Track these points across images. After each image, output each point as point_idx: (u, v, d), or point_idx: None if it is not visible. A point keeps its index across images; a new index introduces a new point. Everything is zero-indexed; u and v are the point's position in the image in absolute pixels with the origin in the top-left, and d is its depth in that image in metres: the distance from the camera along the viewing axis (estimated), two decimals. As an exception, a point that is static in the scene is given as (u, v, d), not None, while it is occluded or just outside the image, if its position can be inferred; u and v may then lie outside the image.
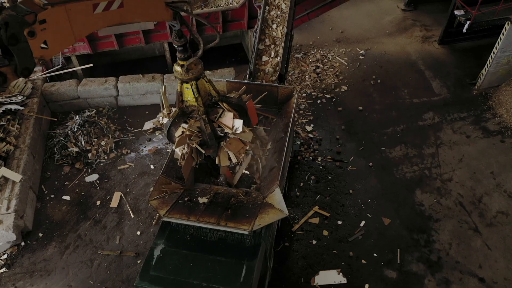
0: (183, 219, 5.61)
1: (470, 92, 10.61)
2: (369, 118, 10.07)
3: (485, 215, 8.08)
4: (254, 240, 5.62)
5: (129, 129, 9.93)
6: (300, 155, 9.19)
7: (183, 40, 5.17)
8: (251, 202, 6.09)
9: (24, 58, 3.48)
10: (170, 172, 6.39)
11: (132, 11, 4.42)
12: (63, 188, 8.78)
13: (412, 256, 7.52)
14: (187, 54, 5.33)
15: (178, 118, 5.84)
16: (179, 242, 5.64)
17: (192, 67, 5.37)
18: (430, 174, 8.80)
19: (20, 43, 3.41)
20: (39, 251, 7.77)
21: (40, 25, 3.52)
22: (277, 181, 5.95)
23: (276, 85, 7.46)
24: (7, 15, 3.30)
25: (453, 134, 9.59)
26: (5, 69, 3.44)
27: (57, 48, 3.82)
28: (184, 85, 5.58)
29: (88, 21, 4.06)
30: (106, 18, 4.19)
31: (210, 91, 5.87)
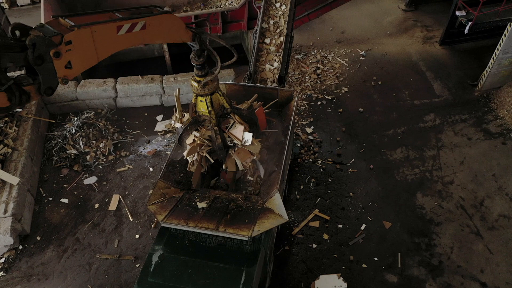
0: (182, 224, 5.54)
1: (471, 94, 10.53)
2: (369, 120, 9.99)
3: (486, 218, 8.01)
4: (253, 246, 5.55)
5: (128, 131, 9.86)
6: (300, 158, 9.12)
7: (202, 59, 5.37)
8: (251, 207, 6.02)
9: (48, 77, 3.57)
10: (169, 176, 6.32)
11: (154, 33, 4.58)
12: (61, 190, 8.71)
13: (413, 260, 7.45)
14: (205, 71, 5.51)
15: (190, 126, 5.95)
16: (177, 247, 5.57)
17: (209, 83, 5.56)
18: (431, 176, 8.73)
19: (46, 63, 3.50)
20: (37, 254, 7.70)
21: (66, 46, 3.61)
22: (276, 185, 5.88)
23: (276, 88, 7.39)
24: (35, 37, 3.37)
25: (454, 136, 9.52)
26: (29, 88, 3.53)
27: (80, 68, 3.91)
28: (198, 97, 5.76)
29: (111, 42, 4.21)
30: (129, 39, 4.32)
31: (223, 104, 6.02)
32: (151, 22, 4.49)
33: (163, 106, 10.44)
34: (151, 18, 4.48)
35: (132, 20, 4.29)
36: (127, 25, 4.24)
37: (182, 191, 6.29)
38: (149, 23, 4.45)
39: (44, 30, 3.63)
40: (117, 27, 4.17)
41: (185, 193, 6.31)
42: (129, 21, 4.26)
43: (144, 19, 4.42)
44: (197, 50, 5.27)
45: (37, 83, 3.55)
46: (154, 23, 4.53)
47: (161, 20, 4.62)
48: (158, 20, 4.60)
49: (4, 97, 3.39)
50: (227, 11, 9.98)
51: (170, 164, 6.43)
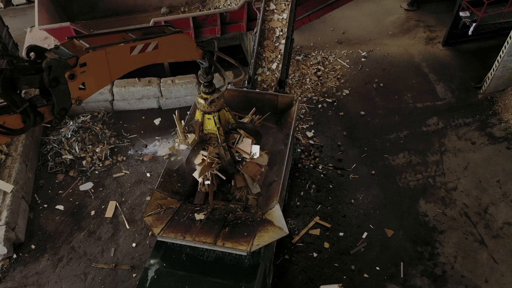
0: (179, 238, 5.37)
1: (475, 97, 10.33)
2: (371, 123, 9.80)
3: (491, 226, 7.84)
4: (252, 260, 5.38)
5: (125, 134, 9.67)
6: (301, 163, 8.93)
7: (210, 77, 5.39)
8: (250, 218, 5.86)
9: (62, 99, 3.63)
10: (166, 186, 6.14)
11: (166, 53, 4.66)
12: (57, 197, 8.53)
13: (416, 270, 7.29)
14: (212, 89, 5.52)
15: (197, 146, 5.85)
16: (174, 262, 5.39)
17: (215, 100, 5.55)
18: (434, 183, 8.55)
19: (60, 85, 3.56)
20: (31, 264, 7.54)
21: (81, 68, 3.68)
22: (276, 197, 5.71)
23: (276, 94, 7.20)
24: (51, 59, 3.43)
25: (457, 141, 9.33)
26: (43, 109, 3.57)
27: (94, 89, 3.94)
28: (206, 115, 5.73)
29: (125, 63, 4.19)
30: (141, 59, 4.33)
31: (229, 119, 5.99)
32: (163, 42, 4.55)
33: (160, 109, 10.24)
34: (163, 38, 4.52)
35: (146, 41, 4.34)
36: (140, 45, 4.29)
37: (179, 202, 6.12)
38: (161, 43, 4.51)
39: (59, 52, 3.68)
40: (131, 47, 4.21)
41: (183, 203, 6.14)
42: (142, 41, 4.30)
43: (156, 39, 4.47)
44: (206, 67, 5.30)
45: (51, 104, 3.59)
46: (166, 42, 4.56)
47: (173, 39, 4.68)
48: (170, 39, 4.62)
49: (19, 119, 3.41)
50: (226, 12, 9.76)
51: (167, 174, 6.25)
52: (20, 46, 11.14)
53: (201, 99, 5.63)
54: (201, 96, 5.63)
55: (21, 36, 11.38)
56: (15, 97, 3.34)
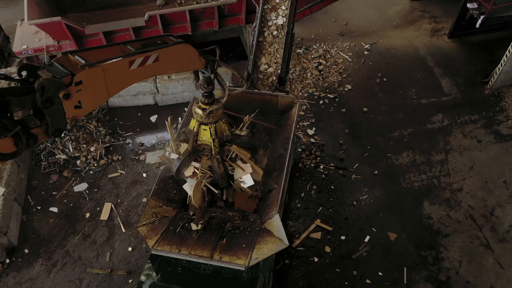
0: (174, 251, 5.14)
1: (481, 92, 10.00)
2: (374, 120, 9.50)
3: (497, 229, 7.62)
4: (251, 273, 5.16)
5: (120, 132, 9.39)
6: (301, 162, 8.67)
7: (211, 87, 5.18)
8: (248, 228, 5.62)
9: (56, 119, 3.43)
10: (160, 194, 5.90)
11: (167, 65, 4.41)
12: (51, 198, 8.30)
13: (419, 275, 7.09)
14: (211, 99, 5.31)
15: (189, 156, 5.61)
16: (169, 275, 5.18)
17: (214, 111, 5.35)
18: (439, 183, 8.30)
19: (55, 105, 3.37)
20: (25, 269, 7.34)
21: (76, 87, 3.49)
22: (276, 206, 5.47)
23: (276, 94, 6.90)
24: (45, 80, 3.24)
25: (463, 139, 9.04)
26: (37, 130, 3.38)
27: (91, 107, 3.76)
28: (202, 126, 5.52)
29: (123, 78, 3.99)
30: (141, 73, 4.16)
31: (225, 131, 5.78)
32: (164, 53, 4.31)
33: (157, 106, 9.94)
34: (164, 50, 4.29)
35: (145, 54, 4.10)
36: (140, 59, 4.06)
37: (175, 210, 5.88)
38: (162, 55, 4.27)
39: (53, 70, 3.46)
40: (130, 62, 3.97)
41: (178, 212, 5.90)
42: (141, 55, 4.06)
43: (157, 51, 4.22)
44: (207, 77, 5.09)
45: (45, 125, 3.40)
46: (168, 54, 4.33)
47: (175, 50, 4.44)
48: (171, 51, 4.39)
49: (11, 143, 3.24)
50: (224, 5, 9.36)
51: (162, 181, 6.00)
52: (12, 39, 10.75)
53: (199, 109, 5.38)
54: (199, 106, 5.37)
55: (12, 28, 11.00)
56: (5, 121, 3.14)
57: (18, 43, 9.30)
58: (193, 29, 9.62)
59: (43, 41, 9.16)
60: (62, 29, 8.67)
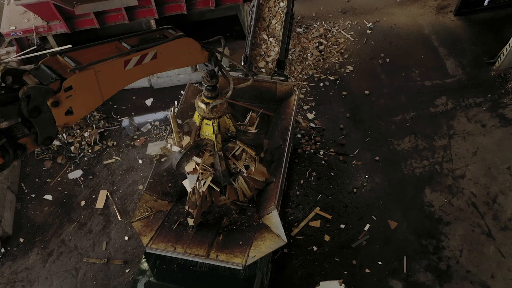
0: (169, 249, 5.00)
1: (487, 73, 9.67)
2: (376, 104, 9.22)
3: (499, 217, 7.49)
4: (248, 271, 5.04)
5: (115, 117, 9.14)
6: (301, 148, 8.46)
7: (215, 80, 4.82)
8: (246, 222, 5.49)
9: (46, 128, 3.20)
10: (155, 188, 5.73)
11: (166, 61, 4.09)
12: (45, 186, 8.14)
13: (419, 265, 7.01)
14: (215, 93, 4.95)
15: (191, 151, 5.30)
16: (165, 273, 5.07)
17: (218, 106, 5.00)
18: (441, 169, 8.12)
19: (43, 113, 3.12)
20: (20, 258, 7.26)
21: (66, 93, 3.22)
22: (274, 201, 5.30)
23: (274, 81, 6.62)
24: (30, 88, 2.98)
25: (467, 123, 8.80)
26: (25, 140, 3.13)
27: (83, 112, 3.51)
28: (204, 120, 5.20)
29: (118, 79, 3.71)
30: (138, 72, 3.83)
31: (230, 127, 5.45)
32: (163, 50, 3.95)
33: (152, 89, 9.64)
34: (163, 46, 3.95)
35: (142, 52, 3.75)
36: (136, 57, 3.71)
37: (170, 204, 5.72)
38: (160, 51, 3.92)
39: (40, 75, 3.15)
40: (125, 61, 3.63)
41: (174, 205, 5.74)
42: (138, 53, 3.72)
43: (155, 48, 3.86)
44: (211, 70, 4.74)
45: (34, 133, 3.15)
46: (167, 50, 4.01)
47: (175, 45, 4.09)
48: (171, 46, 4.06)
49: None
50: (221, -18, 8.92)
51: (157, 173, 5.81)
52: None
53: (201, 103, 5.05)
54: (202, 100, 5.04)
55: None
56: None
57: (6, 24, 8.90)
58: (189, 8, 9.20)
59: (31, 22, 8.76)
60: (50, 10, 8.26)
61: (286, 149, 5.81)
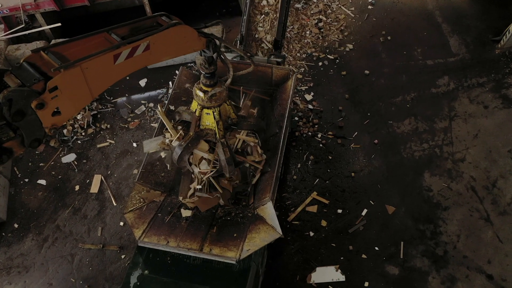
0: (162, 243, 4.92)
1: (492, 51, 9.36)
2: (376, 84, 8.97)
3: (498, 202, 7.40)
4: (243, 264, 4.98)
5: (108, 98, 8.92)
6: (298, 131, 8.28)
7: (213, 67, 4.58)
8: (240, 213, 5.39)
9: (32, 130, 3.05)
10: (148, 178, 5.60)
11: (160, 52, 3.85)
12: (38, 170, 8.02)
13: (416, 250, 6.98)
14: (214, 80, 4.73)
15: (191, 143, 5.14)
16: (158, 266, 5.01)
17: (217, 94, 4.79)
18: (441, 153, 7.97)
19: (27, 116, 2.97)
20: (15, 244, 7.23)
21: (51, 94, 3.05)
22: (269, 192, 5.18)
23: (270, 65, 6.36)
24: (11, 92, 2.81)
25: (469, 104, 8.58)
26: (10, 143, 2.98)
27: (72, 111, 3.37)
28: (204, 110, 5.00)
29: (108, 75, 3.53)
30: (129, 66, 3.64)
31: (230, 114, 5.28)
32: (156, 40, 3.73)
33: (146, 68, 9.30)
34: (155, 36, 3.73)
35: (132, 44, 3.53)
36: (127, 50, 3.50)
37: (163, 194, 5.61)
38: (153, 42, 3.71)
39: (22, 75, 2.96)
40: (114, 56, 3.42)
41: (167, 195, 5.63)
42: (128, 46, 3.51)
43: (147, 39, 3.66)
44: (209, 56, 4.49)
45: (20, 135, 3.01)
46: (161, 40, 3.78)
47: (169, 35, 3.82)
48: (165, 36, 3.83)
49: None
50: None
51: (149, 163, 5.67)
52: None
53: (200, 91, 4.81)
54: (200, 88, 4.80)
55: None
56: None
57: (-8, 1, 8.54)
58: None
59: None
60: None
61: (282, 138, 5.64)
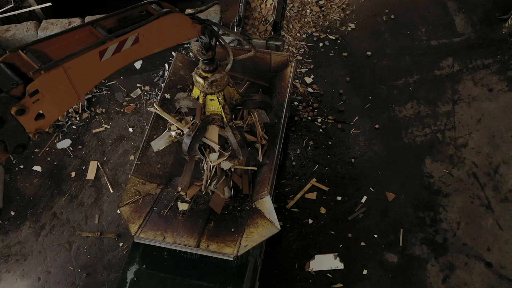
0: (158, 239, 4.84)
1: (498, 31, 9.05)
2: (378, 66, 8.71)
3: (500, 188, 7.31)
4: (241, 258, 4.92)
5: (103, 81, 8.67)
6: (298, 115, 8.10)
7: (211, 53, 4.30)
8: (238, 206, 5.29)
9: (14, 137, 2.86)
10: (143, 170, 5.47)
11: (150, 44, 3.58)
12: (33, 156, 7.89)
13: (415, 238, 6.94)
14: (213, 66, 4.47)
15: (200, 131, 4.95)
16: (155, 261, 4.95)
17: (218, 80, 4.55)
18: (443, 138, 7.82)
19: (8, 123, 2.77)
20: (12, 232, 7.19)
21: (32, 98, 2.82)
22: (267, 186, 5.07)
23: (269, 52, 6.11)
24: None
25: (473, 87, 8.35)
26: None
27: (57, 114, 3.16)
28: (208, 96, 4.76)
29: (94, 73, 3.28)
30: (117, 61, 3.38)
31: (234, 95, 5.03)
32: (146, 31, 3.45)
33: (141, 50, 9.05)
34: (145, 27, 3.44)
35: (120, 38, 3.28)
36: (114, 45, 3.24)
37: (159, 186, 5.50)
38: (143, 34, 3.43)
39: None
40: (100, 52, 3.16)
41: (164, 188, 5.52)
42: (115, 40, 3.24)
43: (135, 31, 3.37)
44: (206, 42, 4.20)
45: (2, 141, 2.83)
46: (151, 31, 3.50)
47: (160, 24, 3.54)
48: (155, 26, 3.53)
49: None
50: None
51: (144, 155, 5.53)
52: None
53: (199, 77, 4.57)
54: (200, 74, 4.56)
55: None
56: None
57: (-22, -21, 8.18)
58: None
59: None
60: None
61: (280, 129, 5.48)
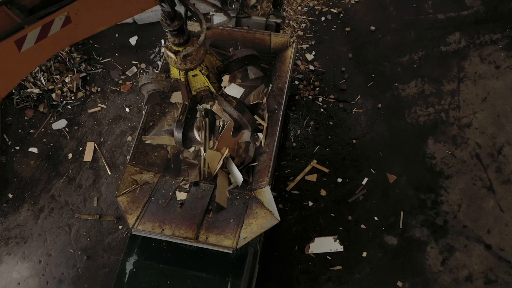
0: (156, 231, 4.78)
1: (508, 4, 8.66)
2: (382, 41, 8.40)
3: (502, 170, 7.22)
4: (240, 249, 4.88)
5: (97, 58, 8.39)
6: (298, 94, 7.88)
7: (177, 22, 3.59)
8: (237, 196, 5.21)
9: None
10: (140, 158, 5.35)
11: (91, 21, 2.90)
12: (29, 137, 7.75)
13: (416, 220, 6.92)
14: (184, 37, 3.78)
15: (191, 113, 4.36)
16: (153, 253, 4.91)
17: (192, 54, 3.88)
18: (447, 118, 7.64)
19: None
20: (11, 215, 7.16)
21: None
22: (267, 176, 4.96)
23: (268, 33, 5.83)
24: None
25: (480, 64, 8.08)
26: None
27: None
28: (189, 73, 4.11)
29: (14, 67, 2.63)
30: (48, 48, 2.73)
31: (216, 63, 4.40)
32: (79, 8, 2.70)
33: (136, 24, 8.70)
34: (76, 4, 2.67)
35: (42, 22, 2.57)
36: (35, 31, 2.58)
37: (157, 175, 5.39)
38: (75, 12, 2.68)
39: None
40: (16, 42, 2.53)
41: (161, 176, 5.42)
42: (34, 25, 2.55)
43: (63, 9, 2.60)
44: (169, 11, 3.49)
45: None
46: (86, 7, 2.75)
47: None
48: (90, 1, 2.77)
49: None
50: None
51: (141, 142, 5.39)
52: None
53: (170, 52, 3.89)
54: (170, 48, 3.89)
55: None
56: None
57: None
58: None
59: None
60: None
61: (280, 115, 5.30)
